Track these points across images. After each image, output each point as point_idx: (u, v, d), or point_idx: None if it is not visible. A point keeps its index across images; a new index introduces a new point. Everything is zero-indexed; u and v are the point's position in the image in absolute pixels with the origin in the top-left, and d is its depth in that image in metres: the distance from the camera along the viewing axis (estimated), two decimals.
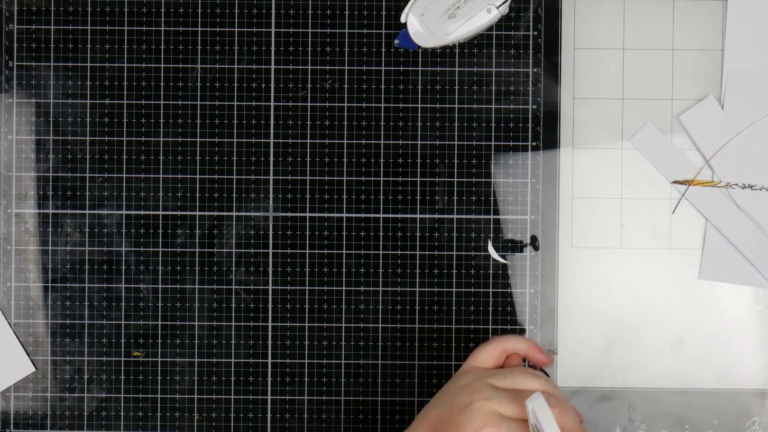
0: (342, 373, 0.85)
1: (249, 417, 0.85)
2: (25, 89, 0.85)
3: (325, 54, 0.85)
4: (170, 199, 0.85)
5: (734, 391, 0.85)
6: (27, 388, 0.84)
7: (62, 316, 0.84)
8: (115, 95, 0.84)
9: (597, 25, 0.85)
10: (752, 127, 0.84)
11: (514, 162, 0.85)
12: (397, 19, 0.84)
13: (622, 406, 0.85)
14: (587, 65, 0.85)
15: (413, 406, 0.85)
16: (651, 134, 0.85)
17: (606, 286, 0.85)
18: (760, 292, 0.85)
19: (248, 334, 0.85)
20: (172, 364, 0.84)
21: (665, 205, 0.85)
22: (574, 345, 0.85)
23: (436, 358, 0.85)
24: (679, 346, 0.85)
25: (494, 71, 0.85)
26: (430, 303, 0.85)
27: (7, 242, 0.85)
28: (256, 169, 0.85)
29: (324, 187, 0.85)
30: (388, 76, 0.85)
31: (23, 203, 0.85)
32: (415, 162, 0.85)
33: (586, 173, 0.85)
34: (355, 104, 0.85)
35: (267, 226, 0.85)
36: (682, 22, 0.85)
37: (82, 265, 0.84)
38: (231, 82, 0.85)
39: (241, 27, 0.85)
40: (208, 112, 0.84)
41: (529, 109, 0.85)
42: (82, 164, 0.84)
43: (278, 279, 0.85)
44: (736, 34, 0.84)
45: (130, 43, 0.85)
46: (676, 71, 0.85)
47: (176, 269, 0.85)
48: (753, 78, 0.84)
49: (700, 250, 0.85)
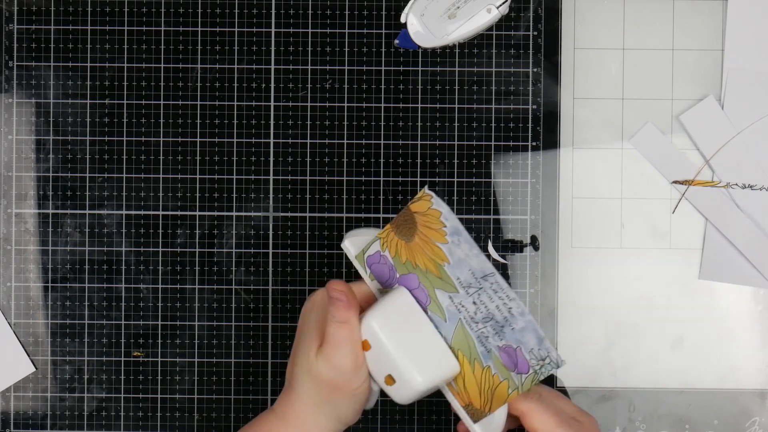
0: None
1: (249, 417, 0.85)
2: (25, 89, 0.85)
3: (325, 54, 0.85)
4: (170, 199, 0.85)
5: (734, 391, 0.85)
6: (27, 388, 0.84)
7: (62, 316, 0.84)
8: (115, 95, 0.84)
9: (597, 25, 0.85)
10: (752, 127, 0.84)
11: (514, 162, 0.85)
12: (397, 19, 0.84)
13: (622, 406, 0.85)
14: (587, 65, 0.85)
15: (413, 405, 0.84)
16: (651, 134, 0.85)
17: (606, 286, 0.85)
18: (760, 292, 0.85)
19: (248, 334, 0.85)
20: (172, 364, 0.84)
21: (665, 205, 0.85)
22: (574, 345, 0.85)
23: None
24: (679, 346, 0.85)
25: (494, 71, 0.85)
26: None
27: (7, 242, 0.85)
28: (256, 169, 0.85)
29: (324, 187, 0.85)
30: (388, 76, 0.85)
31: (23, 203, 0.85)
32: (415, 162, 0.85)
33: (586, 173, 0.85)
34: (355, 104, 0.85)
35: (267, 226, 0.85)
36: (682, 22, 0.85)
37: (82, 265, 0.84)
38: (231, 82, 0.85)
39: (241, 27, 0.85)
40: (208, 112, 0.84)
41: (529, 109, 0.85)
42: (82, 164, 0.84)
43: (278, 279, 0.85)
44: (736, 34, 0.84)
45: (130, 43, 0.85)
46: (676, 71, 0.85)
47: (176, 269, 0.85)
48: (753, 78, 0.84)
49: (700, 250, 0.85)
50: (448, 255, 0.71)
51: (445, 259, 0.70)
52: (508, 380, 0.70)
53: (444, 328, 0.70)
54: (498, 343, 0.70)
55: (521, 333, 0.70)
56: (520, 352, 0.70)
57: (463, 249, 0.70)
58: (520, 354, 0.70)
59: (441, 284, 0.70)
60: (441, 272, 0.70)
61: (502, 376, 0.70)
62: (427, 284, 0.71)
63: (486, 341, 0.70)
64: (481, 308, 0.70)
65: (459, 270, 0.70)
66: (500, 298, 0.70)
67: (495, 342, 0.70)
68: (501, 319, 0.70)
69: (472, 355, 0.70)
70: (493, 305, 0.70)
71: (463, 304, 0.70)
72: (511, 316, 0.70)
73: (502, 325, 0.70)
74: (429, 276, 0.71)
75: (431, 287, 0.71)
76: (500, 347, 0.70)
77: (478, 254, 0.70)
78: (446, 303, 0.71)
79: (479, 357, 0.70)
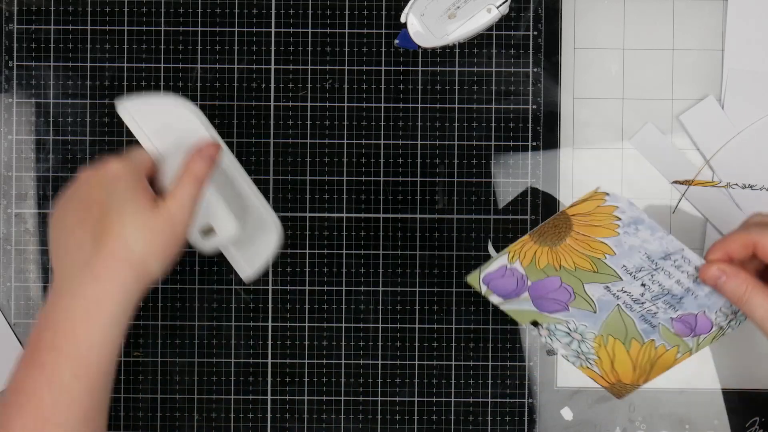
0: (342, 373, 0.85)
1: (249, 417, 0.85)
2: (25, 89, 0.85)
3: (325, 54, 0.85)
4: None
5: (735, 391, 0.85)
6: None
7: None
8: (115, 95, 0.84)
9: (597, 25, 0.85)
10: (752, 127, 0.84)
11: (514, 162, 0.85)
12: (397, 19, 0.84)
13: (622, 406, 0.85)
14: (587, 65, 0.85)
15: (413, 406, 0.85)
16: (651, 134, 0.85)
17: None
18: None
19: (248, 334, 0.85)
20: (172, 364, 0.84)
21: (665, 205, 0.85)
22: None
23: (436, 358, 0.85)
24: None
25: (494, 71, 0.85)
26: (430, 303, 0.85)
27: (7, 242, 0.85)
28: (256, 169, 0.85)
29: (324, 187, 0.85)
30: (388, 76, 0.85)
31: (23, 203, 0.85)
32: (415, 162, 0.85)
33: (587, 173, 0.85)
34: (355, 104, 0.85)
35: None
36: (682, 22, 0.85)
37: None
38: (231, 82, 0.85)
39: (241, 27, 0.85)
40: (208, 112, 0.84)
41: (529, 109, 0.85)
42: (82, 164, 0.84)
43: (278, 279, 0.85)
44: (736, 34, 0.84)
45: (130, 43, 0.85)
46: (676, 71, 0.85)
47: (176, 269, 0.85)
48: (753, 78, 0.84)
49: (701, 250, 0.85)
50: (614, 247, 0.74)
51: (608, 252, 0.74)
52: (678, 346, 0.77)
53: (589, 319, 0.78)
54: (672, 315, 0.75)
55: (708, 297, 0.74)
56: (702, 316, 0.75)
57: (641, 236, 0.73)
58: (701, 318, 0.75)
59: (594, 278, 0.76)
60: (598, 266, 0.75)
61: (670, 344, 0.77)
62: (573, 282, 0.76)
63: (653, 317, 0.76)
64: (652, 287, 0.75)
65: (627, 258, 0.74)
66: (683, 272, 0.73)
67: (667, 315, 0.75)
68: (681, 291, 0.74)
69: (629, 335, 0.77)
70: (672, 281, 0.74)
71: (624, 290, 0.75)
72: (697, 285, 0.73)
73: (681, 296, 0.74)
74: (578, 273, 0.76)
75: (579, 283, 0.76)
76: (673, 319, 0.76)
77: (663, 236, 0.73)
78: (598, 294, 0.76)
79: (639, 335, 0.77)
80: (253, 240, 0.81)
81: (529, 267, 0.77)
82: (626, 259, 0.74)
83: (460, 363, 0.84)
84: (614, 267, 0.75)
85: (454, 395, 0.84)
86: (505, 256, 0.77)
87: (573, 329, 0.79)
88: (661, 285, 0.75)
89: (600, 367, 0.80)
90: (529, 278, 0.78)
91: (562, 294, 0.78)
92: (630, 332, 0.78)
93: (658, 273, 0.74)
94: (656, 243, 0.73)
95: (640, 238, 0.73)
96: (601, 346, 0.79)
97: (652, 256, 0.73)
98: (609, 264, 0.75)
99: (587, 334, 0.79)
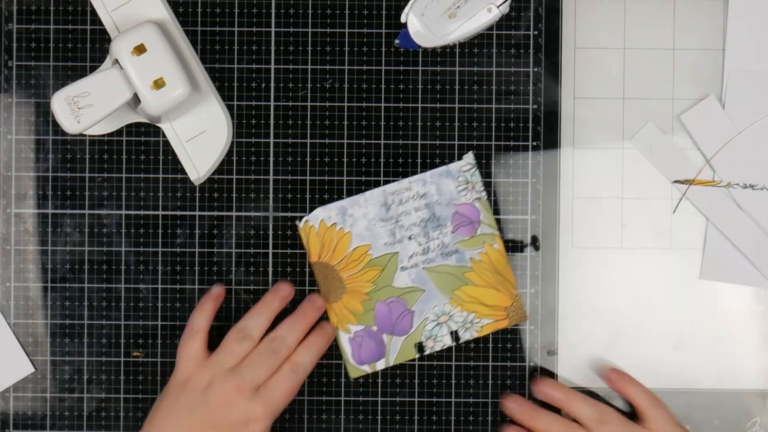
0: (342, 372, 0.84)
1: None
2: (25, 89, 0.85)
3: (325, 54, 0.85)
4: (170, 199, 0.84)
5: (735, 392, 0.85)
6: (26, 389, 0.84)
7: (62, 316, 0.84)
8: None
9: (597, 24, 0.85)
10: (753, 126, 0.84)
11: (514, 162, 0.85)
12: (397, 19, 0.84)
13: (623, 406, 0.85)
14: (588, 65, 0.85)
15: (413, 406, 0.84)
16: (652, 134, 0.85)
17: (607, 286, 0.85)
18: (761, 292, 0.85)
19: None
20: (171, 364, 0.84)
21: (666, 205, 0.85)
22: (575, 345, 0.85)
23: (437, 358, 0.84)
24: (680, 346, 0.85)
25: (494, 71, 0.85)
26: None
27: (6, 242, 0.85)
28: (256, 169, 0.85)
29: (324, 187, 0.85)
30: (388, 76, 0.85)
31: (23, 203, 0.85)
32: (415, 162, 0.85)
33: (587, 173, 0.85)
34: (355, 104, 0.85)
35: (267, 226, 0.85)
36: (683, 21, 0.85)
37: (82, 265, 0.84)
38: (231, 82, 0.85)
39: (241, 27, 0.85)
40: None
41: (529, 109, 0.85)
42: (82, 164, 0.84)
43: (278, 279, 0.85)
44: (736, 33, 0.84)
45: None
46: (677, 71, 0.85)
47: (176, 269, 0.84)
48: (754, 78, 0.84)
49: (701, 250, 0.85)
50: (360, 242, 0.82)
51: (363, 251, 0.82)
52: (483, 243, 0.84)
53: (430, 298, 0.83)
54: (450, 229, 0.83)
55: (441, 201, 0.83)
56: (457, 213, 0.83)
57: (361, 209, 0.82)
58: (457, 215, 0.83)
59: (387, 279, 0.83)
60: (373, 263, 0.82)
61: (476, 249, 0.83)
62: (383, 295, 0.82)
63: (446, 247, 0.83)
64: (414, 231, 0.83)
65: (378, 234, 0.82)
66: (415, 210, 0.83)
67: (447, 232, 0.83)
68: (428, 213, 0.83)
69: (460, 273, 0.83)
70: (416, 215, 0.83)
71: (410, 256, 0.82)
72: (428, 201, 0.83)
73: (432, 214, 0.83)
74: (379, 290, 0.82)
75: (388, 290, 0.82)
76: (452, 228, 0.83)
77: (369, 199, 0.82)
78: (407, 279, 0.83)
79: (459, 269, 0.82)
80: (205, 138, 0.82)
81: (360, 319, 0.83)
82: (378, 235, 0.82)
83: (460, 363, 0.84)
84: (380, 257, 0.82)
85: (454, 395, 0.84)
86: (341, 333, 0.83)
87: (437, 317, 0.83)
88: (415, 224, 0.82)
89: (481, 314, 0.83)
90: (370, 326, 0.83)
91: (396, 308, 0.83)
92: (456, 272, 0.82)
93: (400, 220, 0.82)
94: (373, 209, 0.81)
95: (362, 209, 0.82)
96: (460, 302, 0.82)
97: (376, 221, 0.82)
98: (373, 253, 0.82)
99: (445, 307, 0.83)
